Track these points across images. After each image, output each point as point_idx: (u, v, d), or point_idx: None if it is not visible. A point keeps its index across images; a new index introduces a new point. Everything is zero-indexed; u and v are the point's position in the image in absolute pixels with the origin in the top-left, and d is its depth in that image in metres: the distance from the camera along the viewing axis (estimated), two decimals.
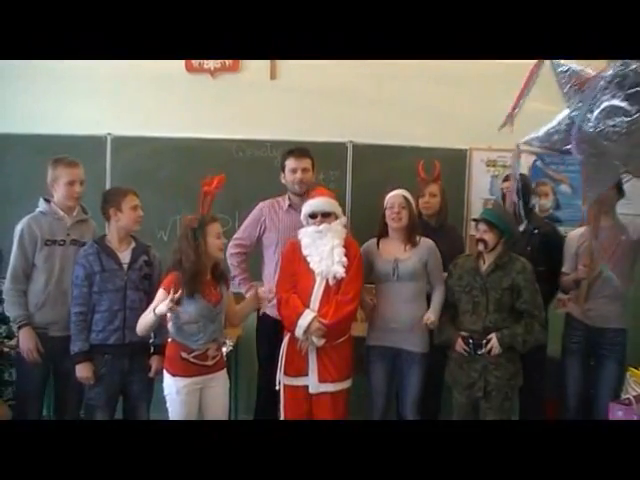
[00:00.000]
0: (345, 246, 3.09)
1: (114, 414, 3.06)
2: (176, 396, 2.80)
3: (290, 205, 3.49)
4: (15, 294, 3.05)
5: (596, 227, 3.15)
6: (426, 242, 3.22)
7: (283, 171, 3.48)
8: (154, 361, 3.05)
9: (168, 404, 2.83)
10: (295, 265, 3.13)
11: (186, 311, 2.75)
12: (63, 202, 3.12)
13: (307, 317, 3.02)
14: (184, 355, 2.80)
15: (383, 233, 3.24)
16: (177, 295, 2.62)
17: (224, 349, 3.19)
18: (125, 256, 3.02)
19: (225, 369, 2.98)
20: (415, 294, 3.17)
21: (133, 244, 3.08)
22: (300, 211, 3.27)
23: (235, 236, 3.54)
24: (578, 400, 3.31)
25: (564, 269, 3.32)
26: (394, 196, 3.19)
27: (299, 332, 3.03)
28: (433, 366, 3.22)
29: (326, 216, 3.11)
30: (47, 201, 3.14)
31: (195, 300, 2.76)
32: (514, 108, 2.88)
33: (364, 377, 3.22)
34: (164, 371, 2.86)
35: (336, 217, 3.14)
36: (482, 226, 3.04)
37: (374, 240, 3.26)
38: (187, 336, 2.79)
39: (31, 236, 3.05)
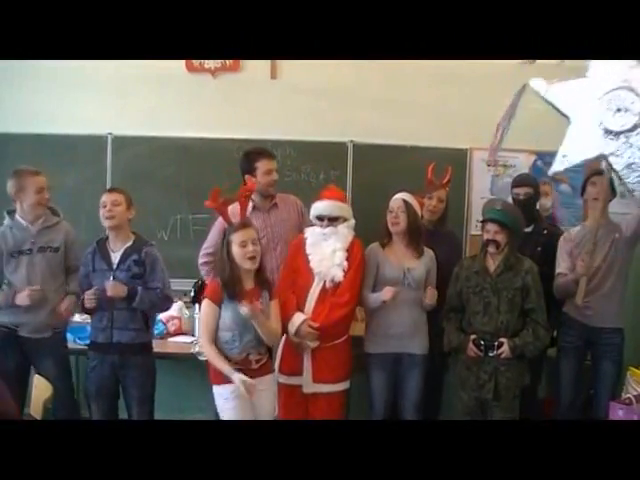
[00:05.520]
0: (348, 249, 3.06)
1: (108, 406, 3.09)
2: (225, 403, 2.74)
3: (254, 207, 3.30)
4: None
5: (595, 223, 3.09)
6: (428, 252, 3.19)
7: (250, 173, 3.31)
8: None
9: (221, 416, 2.76)
10: (298, 261, 3.12)
11: (222, 317, 2.74)
12: (31, 211, 3.13)
13: (295, 322, 3.01)
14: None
15: (388, 238, 3.17)
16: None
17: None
18: (116, 256, 3.03)
19: (273, 373, 2.94)
20: (418, 301, 3.15)
21: (129, 242, 3.06)
22: (264, 211, 3.33)
23: (203, 246, 3.42)
24: (570, 398, 3.29)
25: (559, 270, 3.22)
26: (393, 200, 3.15)
27: (291, 335, 3.04)
28: (433, 367, 3.22)
29: (333, 220, 3.07)
30: (9, 214, 3.17)
31: (231, 307, 2.73)
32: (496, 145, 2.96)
33: (362, 377, 3.20)
34: (213, 385, 2.80)
35: (345, 220, 3.11)
36: (493, 227, 2.95)
37: (377, 244, 3.19)
38: (222, 344, 2.75)
39: None
